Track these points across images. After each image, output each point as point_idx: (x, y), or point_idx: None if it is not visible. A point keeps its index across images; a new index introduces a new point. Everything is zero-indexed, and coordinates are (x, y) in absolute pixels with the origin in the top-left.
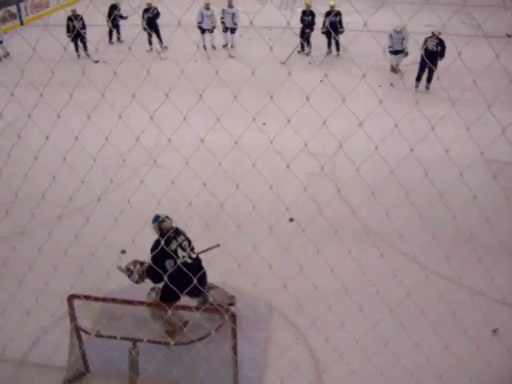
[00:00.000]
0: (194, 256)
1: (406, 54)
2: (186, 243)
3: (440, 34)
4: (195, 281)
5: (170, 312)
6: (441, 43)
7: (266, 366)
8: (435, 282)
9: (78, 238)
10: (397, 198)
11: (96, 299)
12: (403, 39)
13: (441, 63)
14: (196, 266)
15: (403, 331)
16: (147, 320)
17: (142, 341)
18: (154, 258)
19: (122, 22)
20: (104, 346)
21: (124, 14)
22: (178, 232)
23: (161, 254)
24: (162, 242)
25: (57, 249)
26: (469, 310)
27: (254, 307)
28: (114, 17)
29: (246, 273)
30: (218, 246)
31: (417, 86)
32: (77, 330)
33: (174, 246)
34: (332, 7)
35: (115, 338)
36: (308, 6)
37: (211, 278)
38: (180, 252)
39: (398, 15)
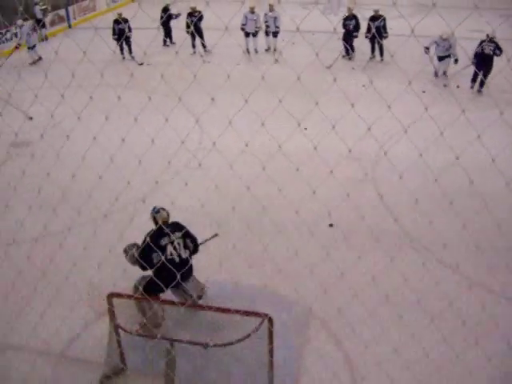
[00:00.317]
0: (184, 256)
1: (456, 60)
2: (180, 242)
3: (495, 37)
4: (179, 276)
5: (155, 305)
6: (498, 47)
7: (302, 371)
8: (478, 292)
9: (123, 236)
10: (440, 205)
11: (135, 298)
12: (450, 46)
13: (496, 66)
14: (183, 265)
15: (444, 342)
16: (185, 320)
17: (180, 341)
18: (142, 249)
19: (172, 24)
20: (141, 343)
21: (175, 14)
22: (176, 228)
23: (148, 246)
24: (148, 239)
25: (101, 247)
26: None
27: (292, 311)
28: (167, 19)
29: (287, 277)
30: (216, 235)
31: (472, 87)
32: (116, 327)
33: (164, 242)
34: (376, 12)
35: (153, 337)
36: (350, 10)
37: (252, 282)
38: (169, 249)
39: (445, 20)
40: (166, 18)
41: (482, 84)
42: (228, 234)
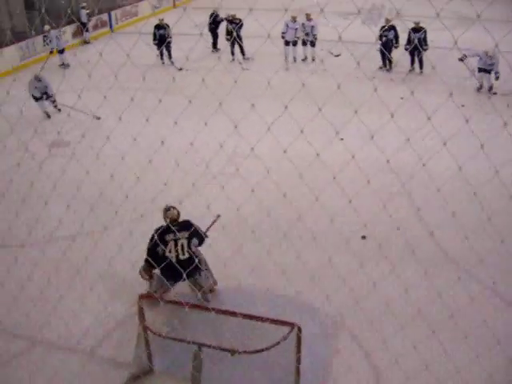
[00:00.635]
0: (182, 258)
1: (497, 77)
2: (184, 243)
3: None
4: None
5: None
6: None
7: (329, 381)
8: None
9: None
10: (478, 221)
11: (165, 301)
12: (493, 63)
13: None
14: (180, 264)
15: (477, 359)
16: (213, 325)
17: (208, 346)
18: (149, 244)
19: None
20: (169, 346)
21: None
22: (183, 227)
23: (154, 240)
24: (155, 234)
25: (136, 247)
26: None
27: (322, 321)
28: (215, 24)
29: (318, 286)
30: (218, 216)
31: None
32: (145, 328)
33: (168, 238)
34: (417, 24)
35: (182, 340)
36: (388, 21)
37: (283, 289)
38: (171, 246)
39: (489, 33)
40: (215, 23)
41: None
42: (262, 240)
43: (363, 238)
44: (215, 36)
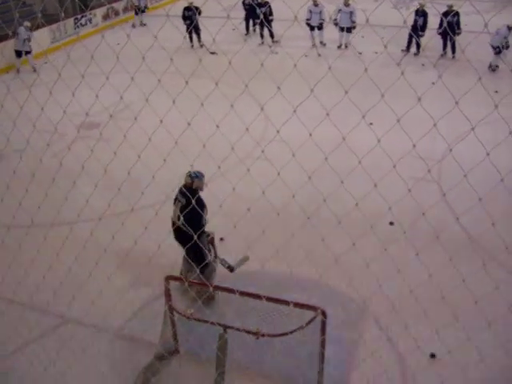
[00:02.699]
0: (179, 224)
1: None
2: (177, 209)
3: None
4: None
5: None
6: None
7: (352, 366)
8: None
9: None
10: (505, 207)
11: (192, 283)
12: (496, 34)
13: None
14: (180, 235)
15: (501, 348)
16: (238, 308)
17: (233, 328)
18: None
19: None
20: (194, 327)
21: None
22: (185, 195)
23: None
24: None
25: (162, 227)
26: None
27: (346, 306)
28: (252, 9)
29: (343, 270)
30: (247, 258)
31: None
32: (171, 310)
33: (177, 196)
34: (450, 7)
35: (207, 322)
36: (422, 5)
37: (307, 272)
38: (173, 208)
39: None
40: (251, 7)
41: None
42: (287, 223)
43: (391, 224)
44: (247, 20)
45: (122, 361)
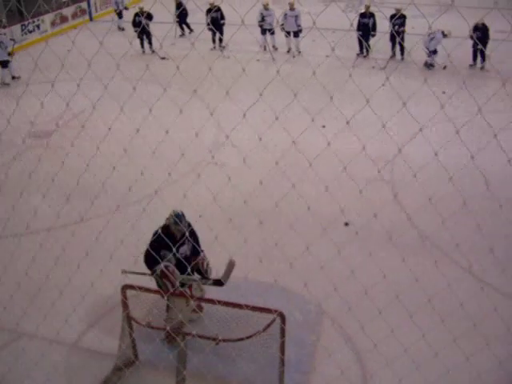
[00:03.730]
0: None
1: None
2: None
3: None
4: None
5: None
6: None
7: (312, 368)
8: (490, 294)
9: (135, 228)
10: (455, 206)
11: (149, 291)
12: (432, 39)
13: None
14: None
15: (454, 343)
16: (196, 314)
17: (191, 335)
18: None
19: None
20: (153, 336)
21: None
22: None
23: None
24: None
25: (114, 238)
26: None
27: (303, 309)
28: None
29: (298, 273)
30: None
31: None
32: (128, 319)
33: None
34: (398, 10)
35: (165, 330)
36: (367, 7)
37: (263, 277)
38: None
39: (465, 19)
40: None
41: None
42: (240, 229)
43: (346, 224)
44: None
45: (79, 374)
